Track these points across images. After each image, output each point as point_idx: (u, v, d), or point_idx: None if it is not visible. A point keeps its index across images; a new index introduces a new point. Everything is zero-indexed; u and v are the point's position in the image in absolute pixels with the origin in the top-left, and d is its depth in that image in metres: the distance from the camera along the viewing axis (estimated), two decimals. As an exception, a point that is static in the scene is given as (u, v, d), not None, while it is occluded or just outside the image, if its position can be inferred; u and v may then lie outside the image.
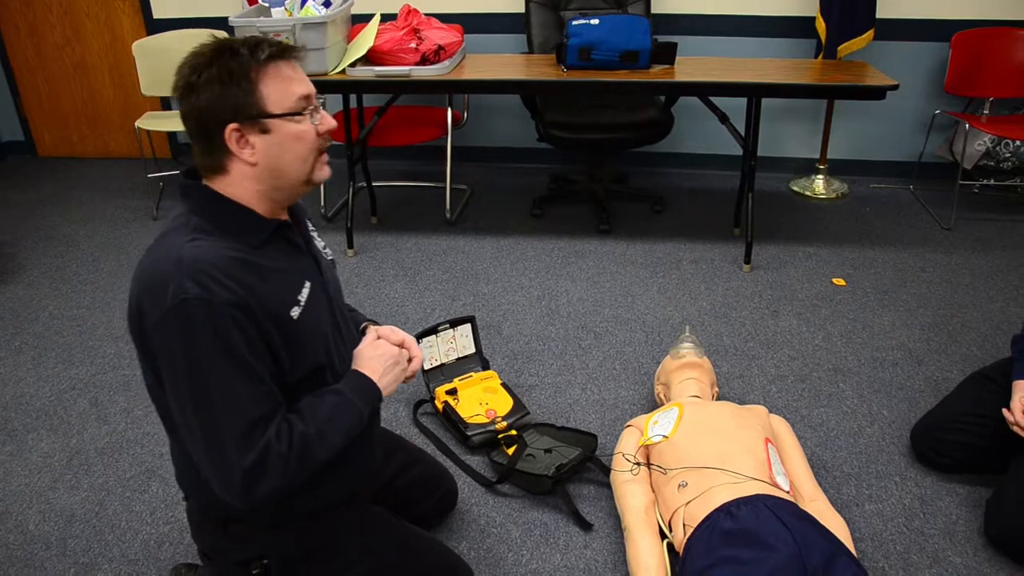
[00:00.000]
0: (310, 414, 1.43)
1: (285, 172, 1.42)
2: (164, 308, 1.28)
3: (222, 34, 1.60)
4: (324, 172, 1.48)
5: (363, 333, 1.81)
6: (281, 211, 1.49)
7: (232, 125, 1.35)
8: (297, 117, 1.39)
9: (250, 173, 1.40)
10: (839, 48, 3.85)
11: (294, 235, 1.52)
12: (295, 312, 1.43)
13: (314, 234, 1.66)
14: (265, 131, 1.37)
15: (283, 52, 1.39)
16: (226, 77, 1.33)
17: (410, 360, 1.68)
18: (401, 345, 1.67)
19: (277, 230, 1.46)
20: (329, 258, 1.69)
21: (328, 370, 1.52)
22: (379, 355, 1.60)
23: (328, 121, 1.46)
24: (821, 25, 3.88)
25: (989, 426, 2.12)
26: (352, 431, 1.49)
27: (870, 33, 3.85)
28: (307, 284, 1.49)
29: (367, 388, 1.54)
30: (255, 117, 1.36)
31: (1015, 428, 2.03)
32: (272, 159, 1.39)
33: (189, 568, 1.86)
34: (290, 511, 1.55)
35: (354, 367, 1.58)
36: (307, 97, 1.41)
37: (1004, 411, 2.07)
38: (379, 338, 1.66)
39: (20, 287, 3.42)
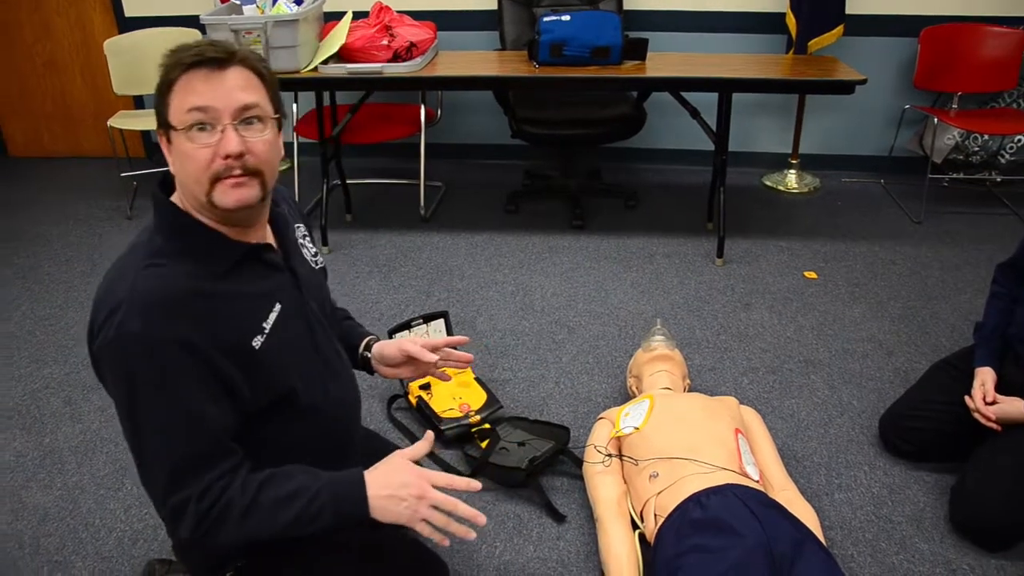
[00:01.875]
0: (260, 486, 1.32)
1: (187, 189, 1.32)
2: (108, 337, 1.24)
3: (195, 33, 1.56)
4: (227, 198, 1.29)
5: (368, 348, 1.76)
6: (248, 232, 1.39)
7: (160, 131, 1.31)
8: (185, 132, 1.26)
9: (177, 184, 1.34)
10: (809, 44, 3.88)
11: (269, 255, 1.42)
12: (257, 341, 1.35)
13: (305, 240, 1.59)
14: (170, 141, 1.30)
15: (202, 61, 1.26)
16: (160, 82, 1.29)
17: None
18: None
19: (249, 253, 1.37)
20: (319, 266, 1.62)
21: (298, 395, 1.42)
22: (399, 480, 1.35)
23: (226, 144, 1.26)
24: (791, 21, 3.91)
25: (953, 413, 2.15)
26: (302, 526, 1.31)
27: (840, 28, 3.89)
28: (276, 307, 1.40)
29: (349, 496, 1.34)
30: (161, 125, 1.30)
31: (976, 415, 2.07)
32: (177, 172, 1.32)
33: (163, 563, 1.85)
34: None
35: (370, 469, 1.38)
36: (201, 109, 1.25)
37: (966, 398, 2.11)
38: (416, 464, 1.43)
39: (-9, 287, 3.40)
